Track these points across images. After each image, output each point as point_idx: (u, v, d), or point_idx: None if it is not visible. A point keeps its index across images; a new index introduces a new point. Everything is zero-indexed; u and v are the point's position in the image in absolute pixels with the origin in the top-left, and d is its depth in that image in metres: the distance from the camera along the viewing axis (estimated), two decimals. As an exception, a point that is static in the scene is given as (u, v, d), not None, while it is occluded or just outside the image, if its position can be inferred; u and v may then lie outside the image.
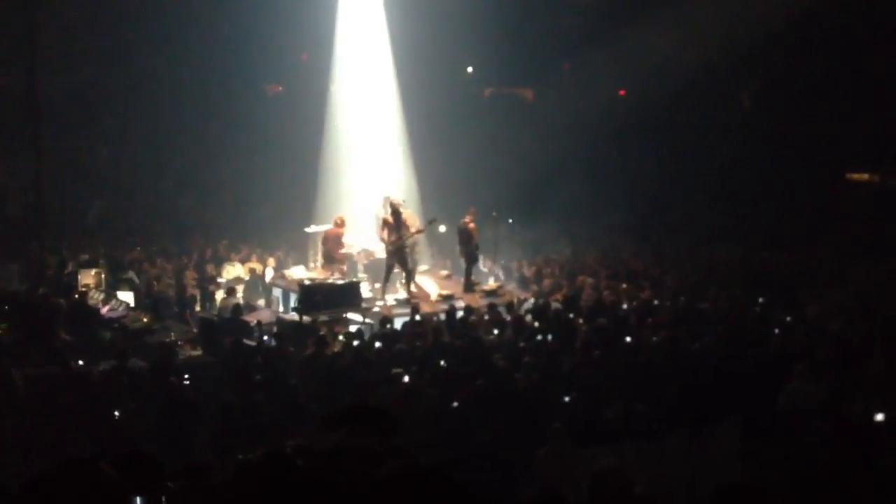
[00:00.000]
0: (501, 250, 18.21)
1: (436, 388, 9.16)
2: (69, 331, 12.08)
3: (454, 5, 20.86)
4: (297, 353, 10.93)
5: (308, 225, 17.98)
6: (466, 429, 8.25)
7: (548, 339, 11.23)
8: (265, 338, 12.19)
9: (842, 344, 10.44)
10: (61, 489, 2.09)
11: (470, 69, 26.87)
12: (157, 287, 15.74)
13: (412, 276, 15.46)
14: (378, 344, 11.13)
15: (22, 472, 2.21)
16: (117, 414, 9.08)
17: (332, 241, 16.09)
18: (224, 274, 17.35)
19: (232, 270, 17.53)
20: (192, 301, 15.40)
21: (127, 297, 14.69)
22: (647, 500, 4.87)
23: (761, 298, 13.79)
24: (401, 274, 15.41)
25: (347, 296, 14.16)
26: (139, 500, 2.59)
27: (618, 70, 23.81)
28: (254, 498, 1.89)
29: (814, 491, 5.39)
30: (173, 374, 9.75)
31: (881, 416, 7.69)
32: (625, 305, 13.81)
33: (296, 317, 13.45)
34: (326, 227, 16.51)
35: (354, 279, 15.35)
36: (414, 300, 14.52)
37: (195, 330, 13.06)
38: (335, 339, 11.82)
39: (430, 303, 14.97)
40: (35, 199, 17.84)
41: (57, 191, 20.41)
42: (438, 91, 23.40)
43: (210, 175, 24.07)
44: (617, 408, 8.32)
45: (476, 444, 7.82)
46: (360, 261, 16.64)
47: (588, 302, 13.95)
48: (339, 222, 16.16)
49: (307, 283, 14.54)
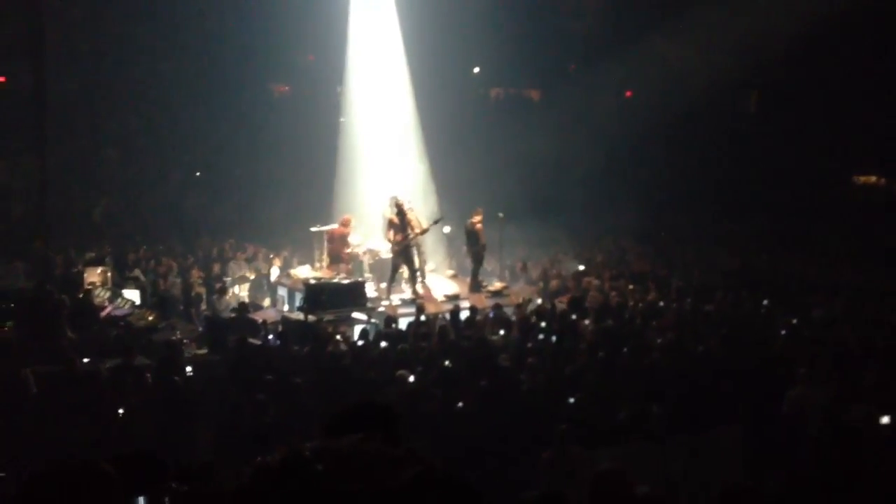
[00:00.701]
0: (507, 251, 18.20)
1: (440, 389, 9.15)
2: (74, 328, 12.10)
3: (462, 6, 20.85)
4: (301, 352, 10.94)
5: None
6: (471, 429, 8.24)
7: (553, 340, 11.22)
8: (270, 337, 12.19)
9: (846, 348, 10.41)
10: (62, 489, 2.08)
11: (476, 69, 26.85)
12: (163, 285, 15.77)
13: (421, 276, 15.45)
14: (383, 344, 11.12)
15: (25, 471, 2.20)
16: (121, 412, 9.07)
17: (337, 240, 16.11)
18: (230, 273, 17.37)
19: (237, 269, 17.56)
20: (198, 299, 15.43)
21: (133, 295, 14.74)
22: (649, 502, 4.85)
23: (766, 301, 13.77)
24: (406, 274, 15.41)
25: (352, 295, 14.16)
26: (142, 501, 2.58)
27: (624, 73, 23.80)
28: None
29: (816, 494, 5.37)
30: (178, 372, 9.76)
31: (886, 418, 7.66)
32: (631, 305, 13.81)
33: (301, 316, 13.46)
34: (332, 226, 16.54)
35: (360, 279, 15.38)
36: (419, 300, 14.53)
37: (200, 328, 13.09)
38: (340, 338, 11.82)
39: (435, 303, 14.97)
40: (40, 198, 17.88)
41: (63, 190, 20.45)
42: (447, 92, 23.38)
43: (217, 175, 24.11)
44: (623, 409, 8.31)
45: (481, 445, 7.81)
46: (366, 260, 16.66)
47: (594, 303, 13.94)
48: (345, 222, 16.20)
49: (312, 282, 14.55)
